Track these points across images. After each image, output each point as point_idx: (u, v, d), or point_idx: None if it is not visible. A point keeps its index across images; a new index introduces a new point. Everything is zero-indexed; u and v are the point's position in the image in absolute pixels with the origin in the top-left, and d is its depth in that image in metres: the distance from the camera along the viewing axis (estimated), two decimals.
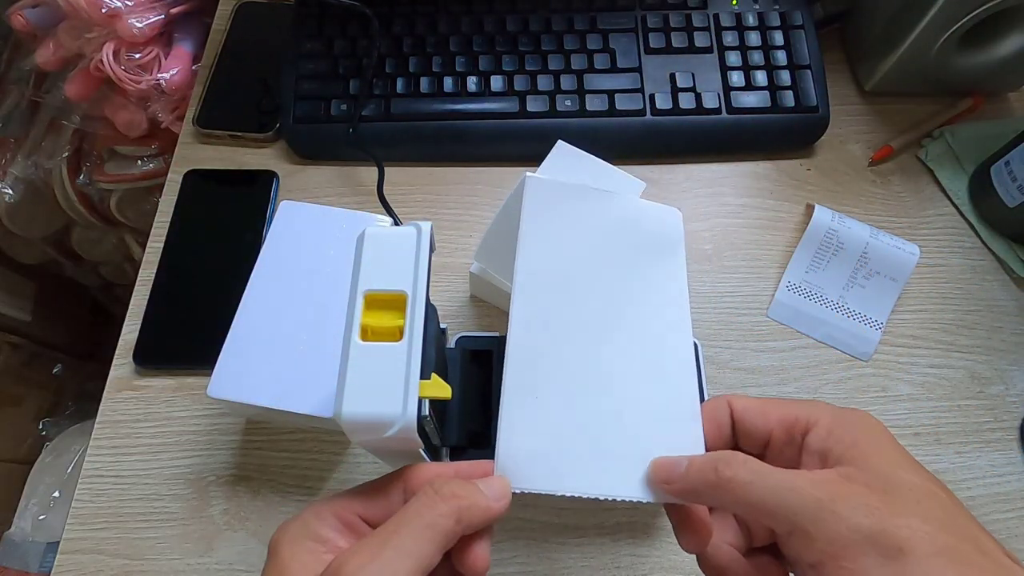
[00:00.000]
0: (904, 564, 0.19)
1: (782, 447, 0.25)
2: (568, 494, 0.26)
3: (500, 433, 0.27)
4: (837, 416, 0.24)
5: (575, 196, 0.32)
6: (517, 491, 0.26)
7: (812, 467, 0.23)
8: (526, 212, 0.31)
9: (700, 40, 0.56)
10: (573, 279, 0.30)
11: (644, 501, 0.26)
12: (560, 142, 0.42)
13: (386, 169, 0.52)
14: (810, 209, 0.52)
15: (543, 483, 0.26)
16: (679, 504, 0.25)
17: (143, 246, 0.52)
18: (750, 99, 0.54)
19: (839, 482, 0.21)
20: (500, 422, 0.27)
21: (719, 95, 0.55)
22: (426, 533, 0.22)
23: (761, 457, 0.24)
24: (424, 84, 0.54)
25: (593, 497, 0.26)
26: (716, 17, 0.57)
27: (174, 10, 0.59)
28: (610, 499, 0.26)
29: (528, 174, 0.32)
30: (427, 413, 0.30)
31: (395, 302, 0.31)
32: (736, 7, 0.57)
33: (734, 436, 0.27)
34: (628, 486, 0.26)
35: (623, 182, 0.39)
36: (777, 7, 0.57)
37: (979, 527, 0.21)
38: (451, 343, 0.43)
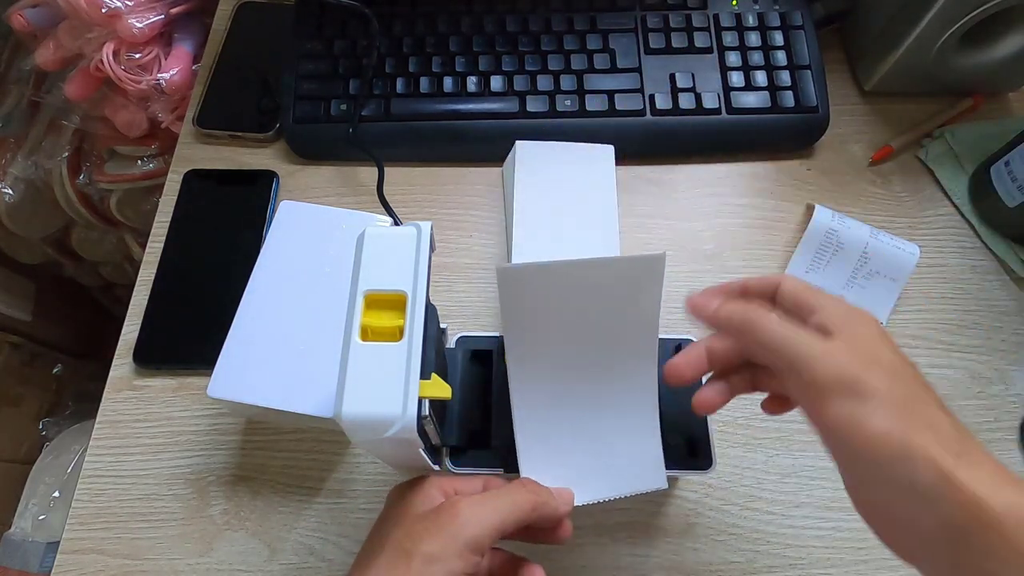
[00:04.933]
0: (864, 404, 0.24)
1: (787, 312, 0.30)
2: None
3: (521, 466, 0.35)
4: (831, 302, 0.29)
5: (552, 274, 0.33)
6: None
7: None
8: (503, 302, 0.33)
9: (700, 40, 0.56)
10: (559, 345, 0.34)
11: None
12: (519, 142, 0.47)
13: (386, 169, 0.52)
14: (810, 209, 0.52)
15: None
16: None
17: (143, 246, 0.52)
18: (750, 99, 0.54)
19: (835, 343, 0.26)
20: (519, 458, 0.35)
21: (719, 95, 0.55)
22: (512, 506, 0.30)
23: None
24: (424, 84, 0.54)
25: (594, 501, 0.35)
26: (716, 17, 0.57)
27: (174, 10, 0.59)
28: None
29: (497, 267, 0.32)
30: (427, 413, 0.30)
31: (395, 302, 0.31)
32: (736, 7, 0.57)
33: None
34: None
35: (593, 152, 0.47)
36: (777, 7, 0.57)
37: (932, 399, 0.26)
38: (451, 343, 0.43)
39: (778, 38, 0.56)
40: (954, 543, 0.22)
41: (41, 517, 0.78)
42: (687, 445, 0.40)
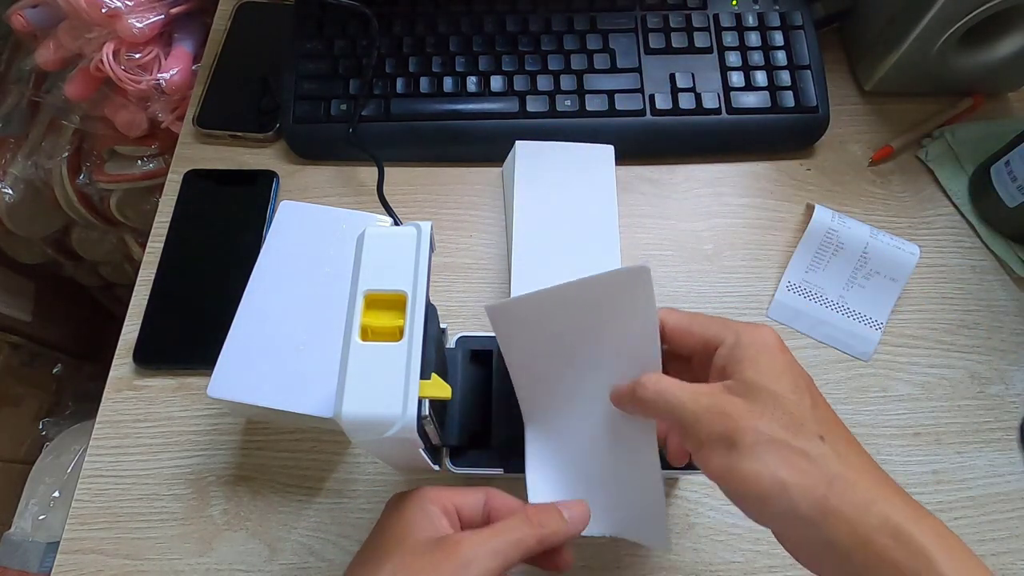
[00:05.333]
0: (736, 451, 0.26)
1: (701, 359, 0.31)
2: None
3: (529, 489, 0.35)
4: (740, 335, 0.30)
5: (540, 303, 0.33)
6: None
7: (715, 379, 0.30)
8: (500, 338, 0.34)
9: (700, 40, 0.56)
10: (564, 372, 0.34)
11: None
12: (519, 142, 0.47)
13: (386, 169, 0.52)
14: (810, 209, 0.52)
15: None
16: None
17: (143, 246, 0.52)
18: (750, 99, 0.54)
19: (714, 397, 0.28)
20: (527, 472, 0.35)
21: (719, 95, 0.55)
22: (516, 546, 0.29)
23: (688, 361, 0.32)
24: (424, 84, 0.54)
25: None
26: (716, 17, 0.57)
27: (174, 10, 0.59)
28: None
29: (486, 307, 0.33)
30: (427, 413, 0.30)
31: (395, 302, 0.31)
32: (736, 7, 0.57)
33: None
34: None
35: (593, 153, 0.47)
36: (777, 7, 0.57)
37: (825, 418, 0.27)
38: (451, 343, 0.43)
39: (778, 38, 0.56)
40: (842, 559, 0.25)
41: (41, 517, 0.78)
42: None
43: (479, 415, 0.41)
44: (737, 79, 0.55)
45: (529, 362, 0.34)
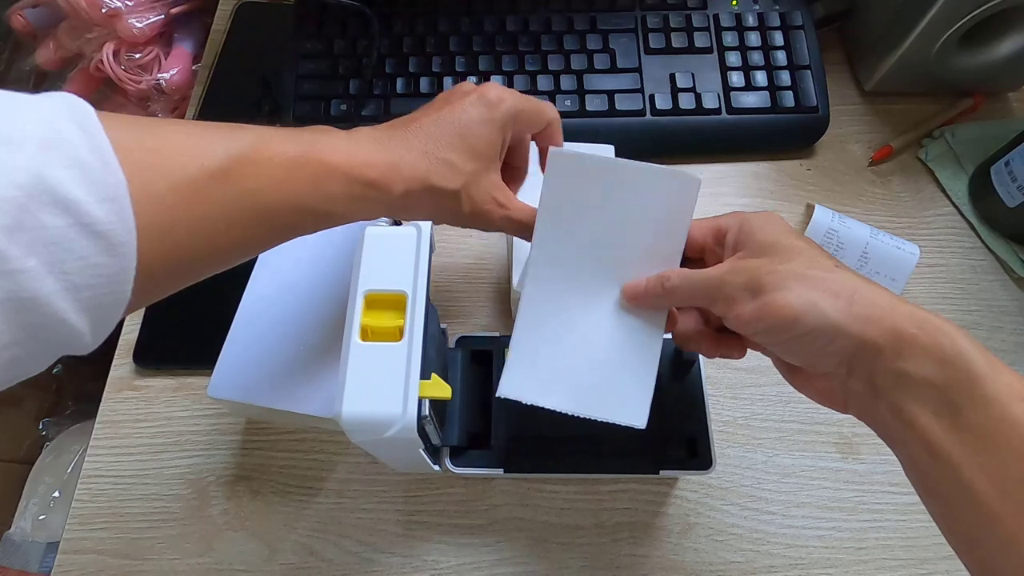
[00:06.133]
0: (763, 293, 0.28)
1: (713, 250, 0.33)
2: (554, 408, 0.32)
3: (511, 353, 0.33)
4: (746, 217, 0.32)
5: (597, 170, 0.33)
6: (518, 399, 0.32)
7: (729, 257, 0.31)
8: (547, 186, 0.33)
9: (700, 40, 0.56)
10: (586, 245, 0.34)
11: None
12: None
13: None
14: (810, 209, 0.52)
15: (536, 398, 0.32)
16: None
17: None
18: (750, 99, 0.55)
19: (733, 263, 0.30)
20: (511, 347, 0.33)
21: (719, 95, 0.55)
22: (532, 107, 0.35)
23: (701, 261, 0.34)
24: (424, 84, 0.54)
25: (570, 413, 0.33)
26: (716, 17, 0.57)
27: (174, 10, 0.59)
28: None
29: (551, 150, 0.33)
30: (427, 413, 0.30)
31: (395, 302, 0.31)
32: (736, 7, 0.57)
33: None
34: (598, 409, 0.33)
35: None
36: (777, 7, 0.57)
37: (832, 260, 0.29)
38: (451, 343, 0.43)
39: (778, 38, 0.56)
40: (875, 355, 0.26)
41: (41, 517, 0.78)
42: (687, 445, 0.40)
43: (479, 415, 0.41)
44: (737, 79, 0.55)
45: (561, 222, 0.33)
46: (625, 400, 0.33)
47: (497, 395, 0.32)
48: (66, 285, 0.22)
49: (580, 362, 0.33)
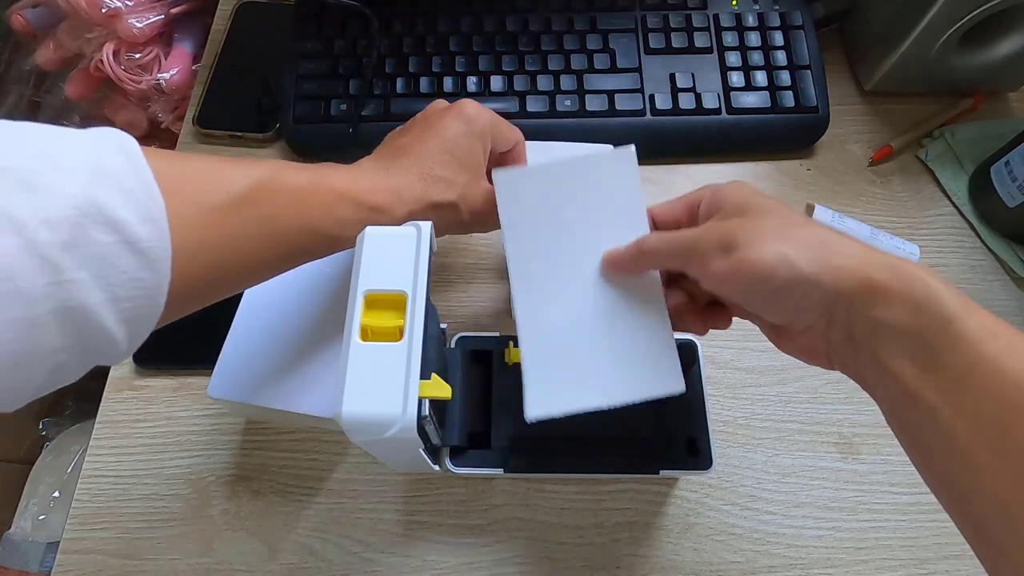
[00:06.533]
0: (736, 249, 0.28)
1: (690, 225, 0.34)
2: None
3: (525, 376, 0.33)
4: (715, 188, 0.32)
5: (544, 177, 0.35)
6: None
7: (702, 223, 0.32)
8: (501, 205, 0.35)
9: (700, 40, 0.56)
10: (557, 248, 0.35)
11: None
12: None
13: None
14: (810, 209, 0.52)
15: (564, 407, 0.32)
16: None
17: None
18: (750, 99, 0.54)
19: (707, 225, 0.31)
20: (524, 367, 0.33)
21: (719, 95, 0.55)
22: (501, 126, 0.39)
23: None
24: (424, 84, 0.54)
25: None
26: (716, 17, 0.57)
27: (174, 10, 0.59)
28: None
29: (494, 171, 0.35)
30: (427, 413, 0.30)
31: (395, 302, 0.31)
32: (736, 7, 0.57)
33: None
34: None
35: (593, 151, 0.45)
36: (777, 7, 0.57)
37: (802, 216, 0.30)
38: (451, 343, 0.43)
39: (778, 38, 0.56)
40: (849, 303, 0.26)
41: (41, 517, 0.78)
42: (687, 445, 0.40)
43: (479, 415, 0.41)
44: (737, 79, 0.55)
45: (526, 237, 0.35)
46: (654, 372, 0.33)
47: (526, 419, 0.32)
48: (110, 296, 0.25)
49: (595, 356, 0.33)
